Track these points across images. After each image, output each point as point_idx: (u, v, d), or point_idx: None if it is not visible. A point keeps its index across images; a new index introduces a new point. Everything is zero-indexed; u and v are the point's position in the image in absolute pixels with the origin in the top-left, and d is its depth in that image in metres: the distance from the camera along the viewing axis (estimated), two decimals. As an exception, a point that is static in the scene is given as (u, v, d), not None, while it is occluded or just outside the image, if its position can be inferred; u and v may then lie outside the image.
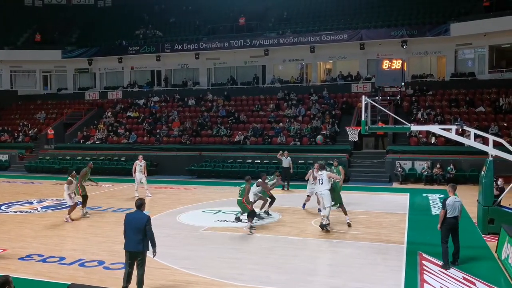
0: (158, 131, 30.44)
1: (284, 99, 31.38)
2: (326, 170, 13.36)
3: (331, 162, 17.69)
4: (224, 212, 15.75)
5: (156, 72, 37.89)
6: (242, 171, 24.45)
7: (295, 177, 21.92)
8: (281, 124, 28.47)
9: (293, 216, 15.07)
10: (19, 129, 34.33)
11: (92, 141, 31.11)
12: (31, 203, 18.01)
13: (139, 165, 19.38)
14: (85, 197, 15.44)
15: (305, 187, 16.67)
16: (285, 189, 20.88)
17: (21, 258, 10.68)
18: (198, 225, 13.94)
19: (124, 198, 19.24)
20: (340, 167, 16.74)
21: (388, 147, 25.72)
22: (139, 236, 8.06)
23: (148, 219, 8.21)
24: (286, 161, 21.08)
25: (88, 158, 28.61)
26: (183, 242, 12.15)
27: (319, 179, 13.02)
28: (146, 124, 31.44)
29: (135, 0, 41.49)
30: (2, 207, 17.12)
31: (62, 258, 10.56)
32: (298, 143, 26.58)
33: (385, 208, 16.49)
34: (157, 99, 34.88)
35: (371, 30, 31.64)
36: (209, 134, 29.11)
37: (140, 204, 8.37)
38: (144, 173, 19.35)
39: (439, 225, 9.85)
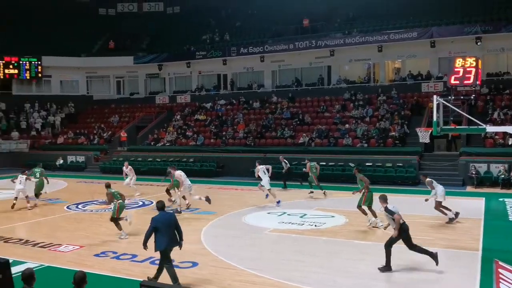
0: (224, 133, 30.98)
1: (351, 100, 30.85)
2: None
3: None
4: (289, 215, 15.73)
5: (222, 76, 38.63)
6: (307, 173, 24.23)
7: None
8: (347, 125, 28.00)
9: (359, 220, 14.76)
10: (95, 132, 36.19)
11: (162, 143, 32.21)
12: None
13: (124, 171, 21.15)
14: None
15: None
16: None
17: (97, 255, 11.23)
18: (263, 227, 14.02)
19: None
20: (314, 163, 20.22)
21: (461, 149, 24.55)
22: (173, 232, 8.89)
23: (175, 216, 9.27)
24: (284, 164, 22.36)
25: (159, 160, 29.67)
26: (249, 243, 12.27)
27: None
28: (213, 127, 32.09)
29: (203, 6, 42.48)
30: (79, 206, 18.13)
31: (134, 256, 10.98)
32: (366, 145, 26.01)
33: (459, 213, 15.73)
34: (223, 102, 35.51)
35: (442, 27, 30.41)
36: (273, 136, 29.19)
37: (163, 205, 9.19)
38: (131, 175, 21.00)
39: (396, 232, 9.59)
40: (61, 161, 32.47)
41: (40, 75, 39.48)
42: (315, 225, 14.07)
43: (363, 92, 31.25)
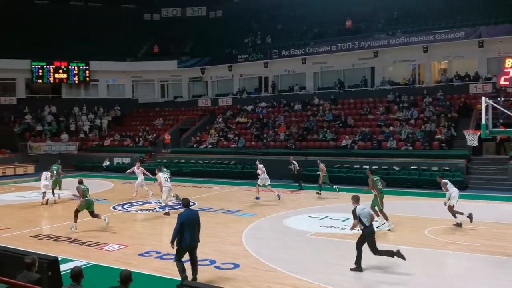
0: (265, 136, 31.04)
1: (395, 102, 30.22)
2: None
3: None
4: (331, 218, 15.57)
5: (263, 79, 38.75)
6: (349, 177, 23.98)
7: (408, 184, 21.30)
8: (391, 128, 27.44)
9: (404, 225, 14.41)
10: (140, 134, 37.06)
11: (204, 145, 32.62)
12: (150, 203, 19.33)
13: (136, 172, 21.20)
14: None
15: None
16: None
17: (141, 254, 11.49)
18: (305, 230, 13.94)
19: (234, 200, 19.89)
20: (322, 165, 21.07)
21: (511, 152, 23.60)
22: (196, 229, 9.11)
23: (198, 213, 9.39)
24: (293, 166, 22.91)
25: (201, 162, 30.08)
26: (290, 246, 12.23)
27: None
28: (254, 129, 32.22)
29: (244, 9, 42.81)
30: (125, 206, 18.61)
31: (177, 256, 11.16)
32: (411, 148, 25.40)
33: (509, 219, 15.12)
34: (264, 104, 35.58)
35: (490, 26, 29.32)
36: (315, 139, 28.99)
37: (188, 202, 9.39)
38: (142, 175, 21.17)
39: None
40: (108, 163, 33.49)
41: (88, 79, 40.91)
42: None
43: (407, 93, 30.54)
